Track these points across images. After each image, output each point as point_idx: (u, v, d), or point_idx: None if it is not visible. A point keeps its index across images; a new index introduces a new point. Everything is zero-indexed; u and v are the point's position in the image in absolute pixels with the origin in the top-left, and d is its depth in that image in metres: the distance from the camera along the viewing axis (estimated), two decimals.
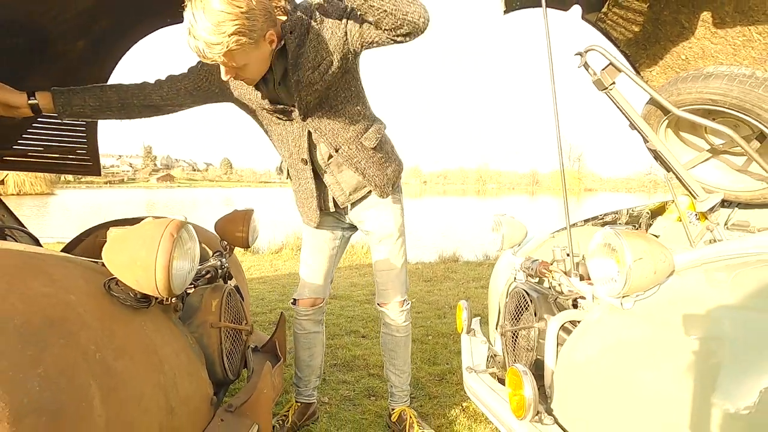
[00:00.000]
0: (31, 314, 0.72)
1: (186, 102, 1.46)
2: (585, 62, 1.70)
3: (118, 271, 0.89)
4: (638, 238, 1.03)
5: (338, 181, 1.57)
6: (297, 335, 1.73)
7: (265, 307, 3.49)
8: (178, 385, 0.96)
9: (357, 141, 1.52)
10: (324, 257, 1.71)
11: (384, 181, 1.60)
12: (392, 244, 1.65)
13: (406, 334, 1.71)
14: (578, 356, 1.14)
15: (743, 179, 1.78)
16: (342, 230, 1.74)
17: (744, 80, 1.46)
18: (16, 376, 0.65)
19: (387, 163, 1.60)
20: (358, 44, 1.30)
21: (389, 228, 1.64)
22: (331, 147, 1.50)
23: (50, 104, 1.34)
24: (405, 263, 1.69)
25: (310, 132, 1.48)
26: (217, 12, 1.10)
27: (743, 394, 0.85)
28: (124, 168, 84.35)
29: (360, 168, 1.54)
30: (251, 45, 1.19)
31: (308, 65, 1.32)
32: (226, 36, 1.11)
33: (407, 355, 1.73)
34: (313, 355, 1.74)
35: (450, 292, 4.11)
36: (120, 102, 1.40)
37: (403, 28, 1.18)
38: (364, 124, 1.53)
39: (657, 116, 1.78)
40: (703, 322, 0.95)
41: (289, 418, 1.69)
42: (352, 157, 1.52)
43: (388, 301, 1.67)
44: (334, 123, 1.47)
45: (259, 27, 1.18)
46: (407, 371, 1.74)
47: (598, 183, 73.98)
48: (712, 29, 1.63)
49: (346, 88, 1.43)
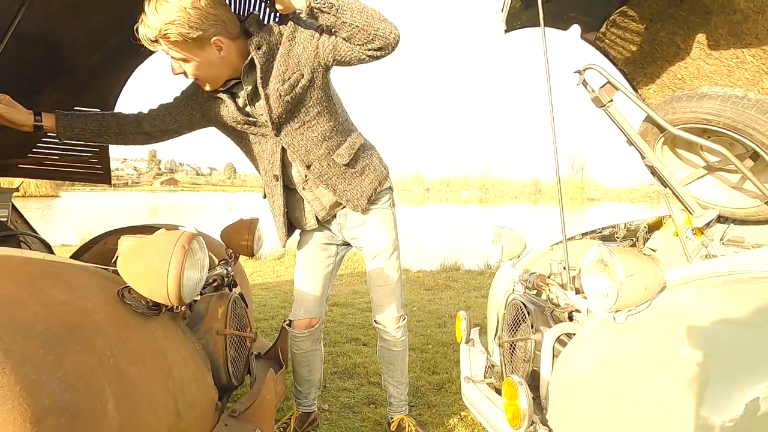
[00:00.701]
0: (52, 321, 0.77)
1: (172, 128, 1.53)
2: (583, 80, 1.75)
3: (132, 279, 0.93)
4: (630, 256, 1.07)
5: (317, 197, 1.59)
6: (294, 354, 1.71)
7: (268, 314, 3.53)
8: (185, 390, 1.00)
9: (328, 158, 1.52)
10: (318, 276, 1.69)
11: (357, 195, 1.58)
12: (386, 259, 1.65)
13: (402, 348, 1.72)
14: (573, 368, 1.17)
15: (738, 196, 1.82)
16: (336, 247, 1.74)
17: (737, 101, 1.50)
18: (38, 378, 0.69)
19: (361, 177, 1.59)
20: (330, 58, 1.35)
21: (382, 244, 1.64)
22: (303, 164, 1.51)
23: (53, 125, 1.42)
24: (400, 278, 1.69)
25: (284, 148, 1.51)
26: (163, 1, 1.20)
27: (731, 407, 0.89)
28: (129, 171, 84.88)
29: (330, 184, 1.55)
30: (191, 42, 1.25)
31: (278, 78, 1.37)
32: (163, 23, 1.20)
33: (404, 367, 1.74)
34: (312, 371, 1.74)
35: (451, 301, 4.14)
36: (118, 129, 1.50)
37: (374, 43, 1.25)
38: (336, 140, 1.53)
39: (654, 133, 1.83)
40: (694, 337, 0.99)
41: (290, 425, 1.72)
42: (322, 174, 1.53)
43: (384, 317, 1.67)
44: (306, 140, 1.48)
45: (201, 26, 1.24)
46: (405, 382, 1.75)
47: (601, 192, 73.87)
48: (707, 50, 1.68)
49: (317, 104, 1.44)
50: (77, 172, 2.00)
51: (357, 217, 1.64)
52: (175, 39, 1.23)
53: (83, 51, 1.62)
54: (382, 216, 1.65)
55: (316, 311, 1.69)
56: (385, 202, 1.67)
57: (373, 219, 1.64)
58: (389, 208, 1.68)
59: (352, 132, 1.59)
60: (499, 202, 55.88)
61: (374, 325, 1.70)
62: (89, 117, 1.46)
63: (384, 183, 1.65)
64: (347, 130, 1.57)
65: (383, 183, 1.65)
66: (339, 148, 1.54)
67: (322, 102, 1.45)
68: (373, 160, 1.64)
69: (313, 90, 1.41)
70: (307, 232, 1.72)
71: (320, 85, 1.42)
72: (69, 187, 51.31)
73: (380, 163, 1.66)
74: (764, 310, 0.98)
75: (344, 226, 1.67)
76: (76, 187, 55.12)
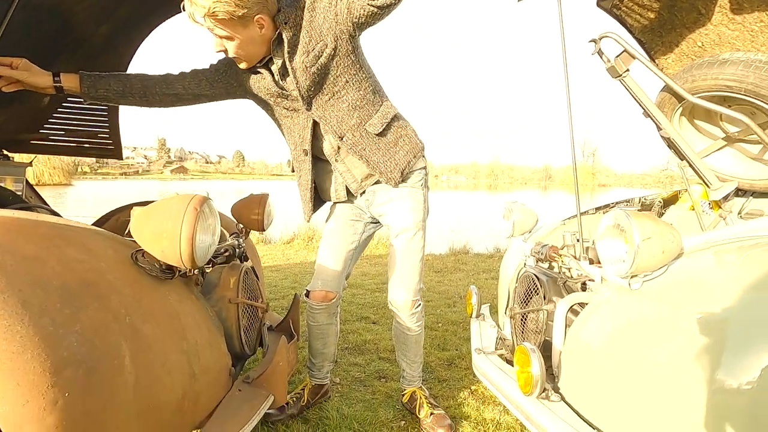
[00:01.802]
0: (68, 277, 0.78)
1: (205, 93, 1.52)
2: (599, 49, 1.70)
3: (144, 242, 0.94)
4: (647, 219, 1.05)
5: (349, 168, 1.59)
6: (310, 326, 1.72)
7: (278, 294, 3.57)
8: (199, 353, 1.01)
9: (361, 128, 1.51)
10: (341, 251, 1.67)
11: (390, 167, 1.55)
12: (408, 239, 1.59)
13: (417, 333, 1.68)
14: (586, 336, 1.16)
15: (759, 167, 1.77)
16: (363, 224, 1.70)
17: (760, 66, 1.45)
18: (56, 331, 0.70)
19: (395, 149, 1.56)
20: (349, 22, 1.34)
21: (406, 222, 1.59)
22: (336, 135, 1.51)
23: (75, 85, 1.41)
24: (421, 262, 1.62)
25: (315, 122, 1.51)
26: None
27: (746, 372, 0.87)
28: (139, 160, 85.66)
29: (364, 155, 1.52)
30: (237, 19, 1.27)
31: (303, 50, 1.38)
32: (211, 1, 1.22)
33: (418, 349, 1.72)
34: (326, 345, 1.74)
35: (460, 282, 4.14)
36: (143, 89, 1.47)
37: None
38: (367, 110, 1.51)
39: (671, 104, 1.78)
40: (709, 302, 0.97)
41: (304, 396, 1.75)
42: (356, 144, 1.51)
43: (397, 299, 1.61)
44: (336, 110, 1.48)
45: (247, 5, 1.26)
46: (418, 361, 1.75)
47: (612, 179, 72.84)
48: (729, 15, 1.61)
49: (344, 73, 1.44)
50: (89, 147, 2.01)
51: (385, 193, 1.61)
52: (222, 17, 1.25)
53: (91, 22, 1.61)
54: (411, 195, 1.60)
55: (333, 285, 1.66)
56: (418, 182, 1.62)
57: (402, 196, 1.60)
58: (420, 188, 1.62)
59: (384, 102, 1.56)
60: (509, 188, 55.47)
61: (389, 306, 1.66)
62: (113, 77, 1.45)
63: (418, 157, 1.61)
64: (379, 99, 1.55)
65: (417, 157, 1.61)
66: (371, 117, 1.52)
67: (349, 70, 1.44)
68: (408, 131, 1.60)
69: (339, 59, 1.41)
70: (335, 207, 1.72)
71: (346, 53, 1.41)
72: (81, 175, 52.02)
73: (415, 136, 1.62)
74: None
75: (372, 203, 1.64)
76: (89, 176, 55.88)
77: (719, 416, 0.88)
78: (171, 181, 58.29)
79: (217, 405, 1.09)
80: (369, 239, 1.78)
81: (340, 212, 1.70)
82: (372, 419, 1.70)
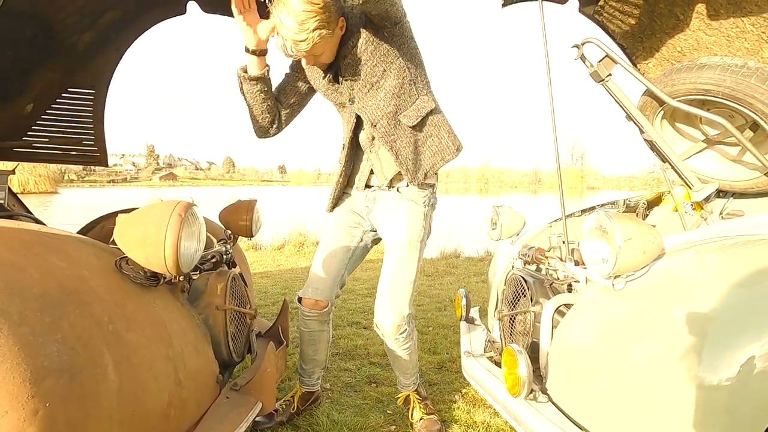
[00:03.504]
0: (49, 285, 0.77)
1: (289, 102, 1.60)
2: (582, 54, 1.73)
3: (128, 248, 0.93)
4: (628, 220, 1.07)
5: (379, 158, 1.57)
6: (302, 331, 1.68)
7: (268, 300, 3.54)
8: (185, 360, 1.01)
9: (395, 117, 1.48)
10: (336, 258, 1.63)
11: (416, 166, 1.51)
12: (400, 257, 1.52)
13: (408, 353, 1.60)
14: (572, 336, 1.18)
15: (737, 169, 1.81)
16: (362, 233, 1.67)
17: (736, 70, 1.49)
18: (36, 340, 0.69)
19: (423, 148, 1.53)
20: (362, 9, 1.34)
21: (400, 238, 1.53)
22: (370, 122, 1.49)
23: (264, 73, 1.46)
24: (412, 284, 1.52)
25: (359, 117, 1.53)
26: (299, 12, 1.24)
27: (727, 368, 0.89)
28: (127, 167, 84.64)
29: (394, 147, 1.49)
30: (329, 34, 1.33)
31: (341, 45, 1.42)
32: (309, 32, 1.27)
33: (411, 362, 1.67)
34: (317, 351, 1.72)
35: (451, 286, 4.15)
36: (276, 105, 1.58)
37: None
38: (405, 100, 1.48)
39: (653, 107, 1.81)
40: (690, 301, 0.99)
41: (293, 402, 1.73)
42: (388, 134, 1.49)
43: (383, 321, 1.51)
44: (375, 99, 1.47)
45: (334, 17, 1.32)
46: (413, 372, 1.71)
47: (600, 181, 73.74)
48: (706, 21, 1.66)
49: (383, 62, 1.43)
50: (73, 155, 1.99)
51: (385, 201, 1.59)
52: (319, 41, 1.30)
53: (75, 29, 1.60)
54: (411, 210, 1.56)
55: (324, 294, 1.62)
56: (421, 199, 1.58)
57: (400, 209, 1.56)
58: (422, 206, 1.58)
59: (422, 95, 1.52)
60: (499, 192, 55.86)
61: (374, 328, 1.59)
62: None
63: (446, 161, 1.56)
64: (417, 92, 1.51)
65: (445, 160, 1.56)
66: (407, 108, 1.50)
67: (388, 59, 1.44)
68: (441, 131, 1.56)
69: (374, 49, 1.41)
70: (335, 213, 1.70)
71: (379, 41, 1.41)
72: (68, 183, 51.21)
73: (447, 137, 1.56)
74: (759, 271, 0.98)
75: (371, 210, 1.63)
76: (76, 184, 55.05)
77: (703, 412, 0.90)
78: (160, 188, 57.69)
79: (205, 412, 1.08)
80: (367, 249, 1.71)
81: (338, 219, 1.68)
82: (362, 424, 1.70)
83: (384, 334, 1.54)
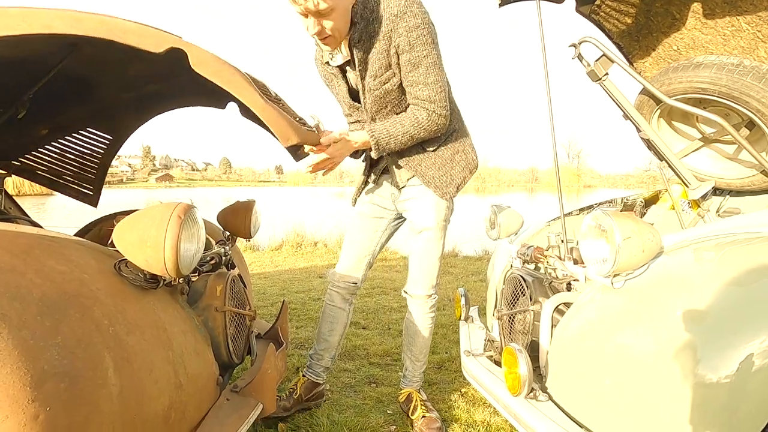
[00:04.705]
0: (48, 289, 0.76)
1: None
2: (579, 54, 1.74)
3: (128, 251, 0.93)
4: (627, 219, 1.07)
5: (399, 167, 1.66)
6: (325, 306, 1.81)
7: (267, 301, 3.54)
8: (185, 363, 1.00)
9: (417, 146, 1.57)
10: (362, 244, 1.77)
11: (447, 182, 1.61)
12: (429, 237, 1.66)
13: (428, 325, 1.73)
14: (571, 335, 1.18)
15: (734, 167, 1.82)
16: (387, 222, 1.79)
17: (732, 69, 1.50)
18: (36, 344, 0.69)
19: (451, 164, 1.61)
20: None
21: (428, 221, 1.64)
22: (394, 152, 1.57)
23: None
24: (439, 260, 1.70)
25: None
26: None
27: (724, 365, 0.90)
28: (123, 168, 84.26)
29: (419, 171, 1.60)
30: None
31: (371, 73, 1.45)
32: None
33: (425, 345, 1.76)
34: (332, 331, 1.79)
35: (449, 285, 4.16)
36: None
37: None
38: None
39: (650, 106, 1.82)
40: (689, 299, 0.99)
41: (297, 390, 1.75)
42: (411, 161, 1.60)
43: (414, 292, 1.70)
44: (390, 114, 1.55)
45: None
46: (422, 360, 1.77)
47: (597, 180, 74.01)
48: (702, 20, 1.66)
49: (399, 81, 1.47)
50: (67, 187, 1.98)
51: (412, 190, 1.67)
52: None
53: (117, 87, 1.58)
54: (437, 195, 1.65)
55: (353, 270, 1.78)
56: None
57: (426, 193, 1.65)
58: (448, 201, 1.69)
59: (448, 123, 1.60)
60: (496, 191, 55.96)
61: (403, 295, 1.75)
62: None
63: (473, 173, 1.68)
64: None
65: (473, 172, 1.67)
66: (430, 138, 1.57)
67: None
68: (465, 146, 1.65)
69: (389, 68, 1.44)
70: (360, 206, 1.80)
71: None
72: None
73: (471, 151, 1.67)
74: (757, 269, 0.98)
75: (398, 197, 1.72)
76: None
77: (702, 410, 0.90)
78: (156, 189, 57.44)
79: (205, 415, 1.08)
80: (391, 235, 1.85)
81: (363, 210, 1.79)
82: (363, 425, 1.70)
83: (414, 301, 1.71)
